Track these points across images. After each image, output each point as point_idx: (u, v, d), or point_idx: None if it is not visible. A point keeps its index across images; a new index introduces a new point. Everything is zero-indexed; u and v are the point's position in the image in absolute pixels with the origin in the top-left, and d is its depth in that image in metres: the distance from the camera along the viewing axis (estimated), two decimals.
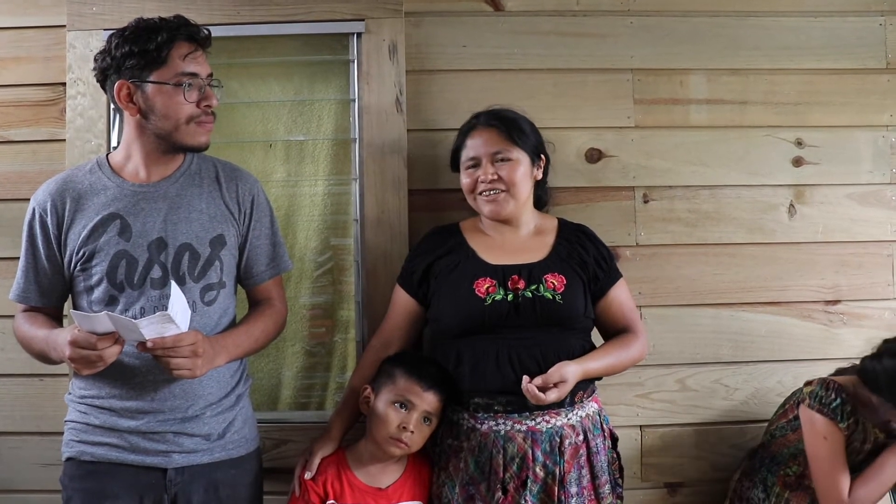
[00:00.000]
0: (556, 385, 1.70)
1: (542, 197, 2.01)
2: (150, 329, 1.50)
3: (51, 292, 1.73)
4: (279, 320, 1.84)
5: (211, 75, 1.72)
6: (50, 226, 1.70)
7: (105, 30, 2.11)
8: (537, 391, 1.69)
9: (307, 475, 1.76)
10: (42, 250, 1.71)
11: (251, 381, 1.85)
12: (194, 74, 1.67)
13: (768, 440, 2.04)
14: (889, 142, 2.26)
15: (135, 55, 1.64)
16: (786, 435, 1.99)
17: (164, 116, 1.66)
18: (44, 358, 1.68)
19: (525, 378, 1.71)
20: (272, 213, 1.85)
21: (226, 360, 1.68)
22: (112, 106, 2.10)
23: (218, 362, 1.65)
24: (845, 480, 1.87)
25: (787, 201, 2.24)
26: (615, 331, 1.92)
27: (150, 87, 1.65)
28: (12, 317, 2.04)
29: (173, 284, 1.56)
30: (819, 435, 1.89)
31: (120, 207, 1.69)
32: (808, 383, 1.97)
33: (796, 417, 1.96)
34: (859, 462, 1.93)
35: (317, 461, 1.78)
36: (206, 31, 1.72)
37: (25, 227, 1.73)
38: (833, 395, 1.89)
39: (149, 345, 1.51)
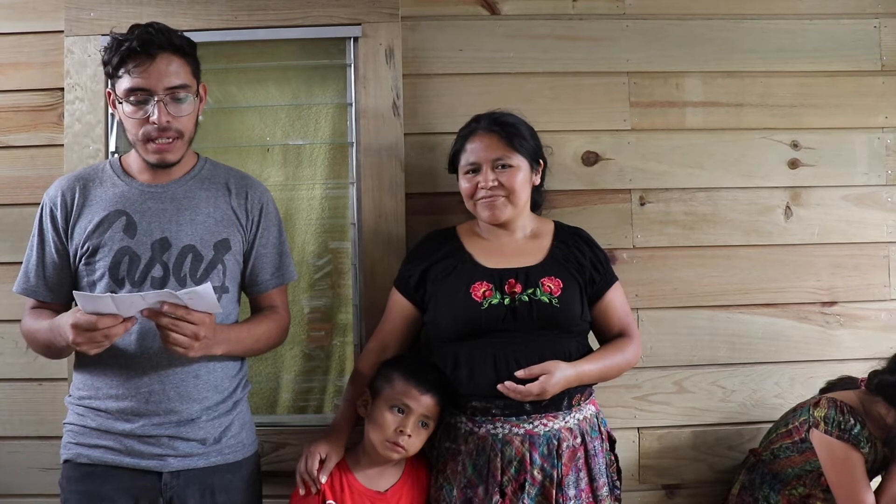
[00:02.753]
0: (539, 379, 1.71)
1: (537, 199, 2.00)
2: (154, 298, 1.51)
3: (58, 287, 1.73)
4: (282, 327, 1.85)
5: (177, 87, 1.66)
6: (59, 219, 1.72)
7: (103, 35, 2.11)
8: (516, 385, 1.71)
9: (323, 478, 1.74)
10: (51, 244, 1.72)
11: (250, 387, 1.85)
12: (141, 90, 1.64)
13: (770, 458, 2.03)
14: (884, 143, 2.27)
15: (105, 66, 1.68)
16: (790, 457, 1.99)
17: (126, 129, 1.70)
18: (49, 349, 1.68)
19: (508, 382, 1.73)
20: (280, 223, 1.86)
21: (224, 351, 1.68)
22: (111, 111, 2.12)
23: (215, 351, 1.66)
24: (872, 501, 1.88)
25: (783, 203, 2.25)
26: (611, 335, 1.92)
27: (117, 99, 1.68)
28: (11, 321, 2.06)
29: (208, 284, 1.54)
30: (841, 462, 1.89)
31: (127, 205, 1.70)
32: (815, 405, 1.96)
33: (804, 440, 1.95)
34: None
35: (332, 466, 1.76)
36: (171, 37, 1.66)
37: (36, 222, 1.75)
38: (851, 420, 1.89)
39: (165, 308, 1.51)
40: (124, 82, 1.64)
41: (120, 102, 1.67)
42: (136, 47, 1.62)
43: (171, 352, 1.58)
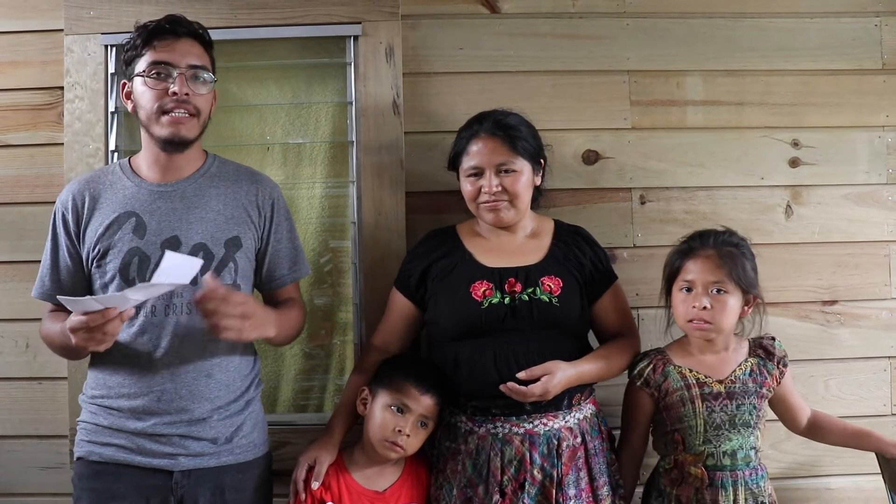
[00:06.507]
0: (540, 379, 1.71)
1: (536, 196, 1.98)
2: (139, 295, 1.50)
3: (73, 291, 1.73)
4: (301, 318, 1.86)
5: (198, 66, 1.70)
6: (71, 223, 1.72)
7: (103, 33, 2.11)
8: (518, 386, 1.70)
9: (315, 485, 1.74)
10: (64, 248, 1.73)
11: (262, 385, 1.85)
12: (164, 63, 1.67)
13: None
14: (885, 142, 2.26)
15: (127, 52, 1.71)
16: None
17: (141, 107, 1.71)
18: (67, 350, 1.68)
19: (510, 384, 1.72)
20: (291, 218, 1.86)
21: (275, 332, 1.70)
22: (111, 110, 2.12)
23: (268, 332, 1.67)
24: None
25: (783, 202, 2.25)
26: (611, 334, 1.92)
27: (136, 80, 1.70)
28: (10, 320, 2.06)
29: (167, 252, 1.52)
30: None
31: (136, 206, 1.71)
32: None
33: None
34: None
35: (324, 470, 1.76)
36: (195, 26, 1.73)
37: (49, 228, 1.76)
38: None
39: (199, 296, 1.52)
40: (148, 57, 1.68)
41: (140, 76, 1.68)
42: (164, 25, 1.69)
43: (224, 339, 1.58)
